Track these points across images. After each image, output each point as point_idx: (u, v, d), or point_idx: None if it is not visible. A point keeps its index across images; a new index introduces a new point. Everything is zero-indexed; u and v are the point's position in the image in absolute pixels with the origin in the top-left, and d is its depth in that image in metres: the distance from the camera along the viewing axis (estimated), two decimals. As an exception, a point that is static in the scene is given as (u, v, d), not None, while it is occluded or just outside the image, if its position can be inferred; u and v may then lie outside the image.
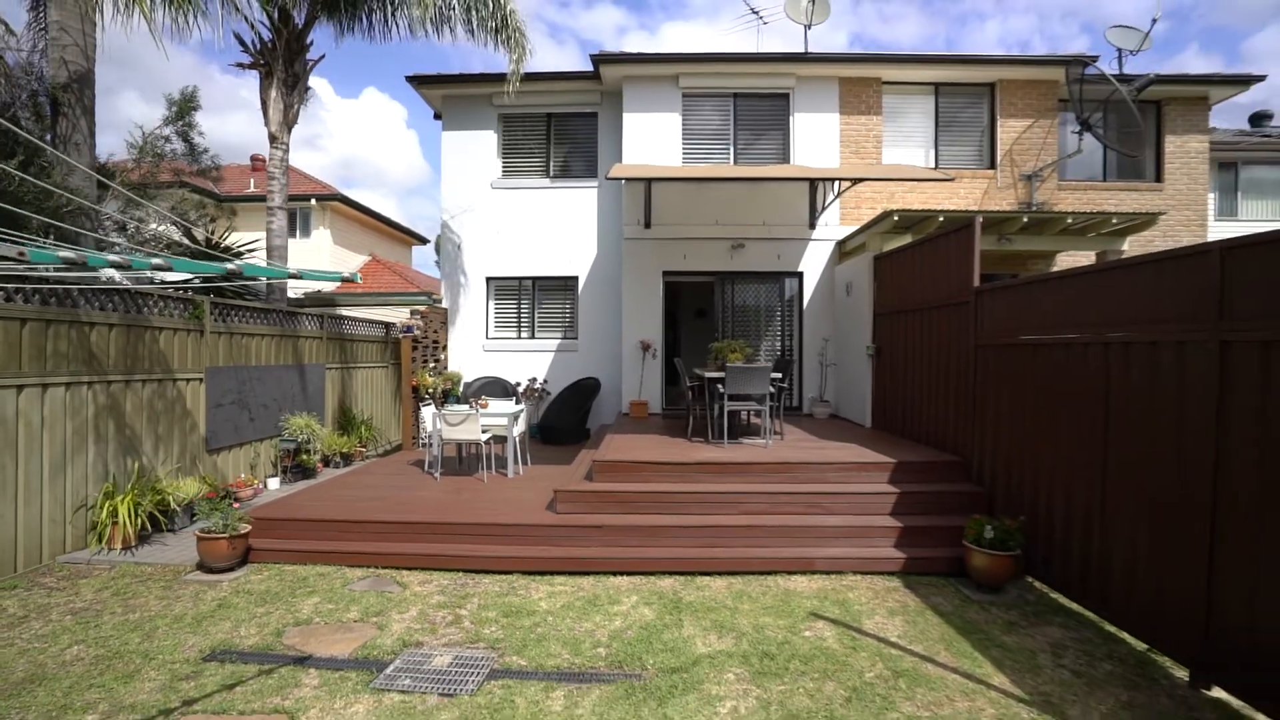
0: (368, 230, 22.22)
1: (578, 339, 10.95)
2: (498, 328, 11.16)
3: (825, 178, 8.54)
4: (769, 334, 10.29)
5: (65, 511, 5.32)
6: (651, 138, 10.12)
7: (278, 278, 4.81)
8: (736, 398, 6.86)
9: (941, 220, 7.83)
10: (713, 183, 9.81)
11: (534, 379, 10.80)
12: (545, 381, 10.82)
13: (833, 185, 9.65)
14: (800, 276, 10.15)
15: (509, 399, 9.46)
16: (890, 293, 7.77)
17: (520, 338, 11.10)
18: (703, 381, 7.26)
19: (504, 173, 11.01)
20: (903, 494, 5.68)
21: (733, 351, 7.34)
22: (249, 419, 7.64)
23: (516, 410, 7.44)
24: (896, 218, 7.91)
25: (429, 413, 7.41)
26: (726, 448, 6.70)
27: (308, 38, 8.94)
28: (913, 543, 5.31)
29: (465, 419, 6.84)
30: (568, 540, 5.35)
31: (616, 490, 5.76)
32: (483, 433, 7.03)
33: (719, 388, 6.84)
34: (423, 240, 26.90)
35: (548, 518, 5.56)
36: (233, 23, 7.98)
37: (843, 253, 9.94)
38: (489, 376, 10.52)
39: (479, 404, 7.26)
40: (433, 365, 10.06)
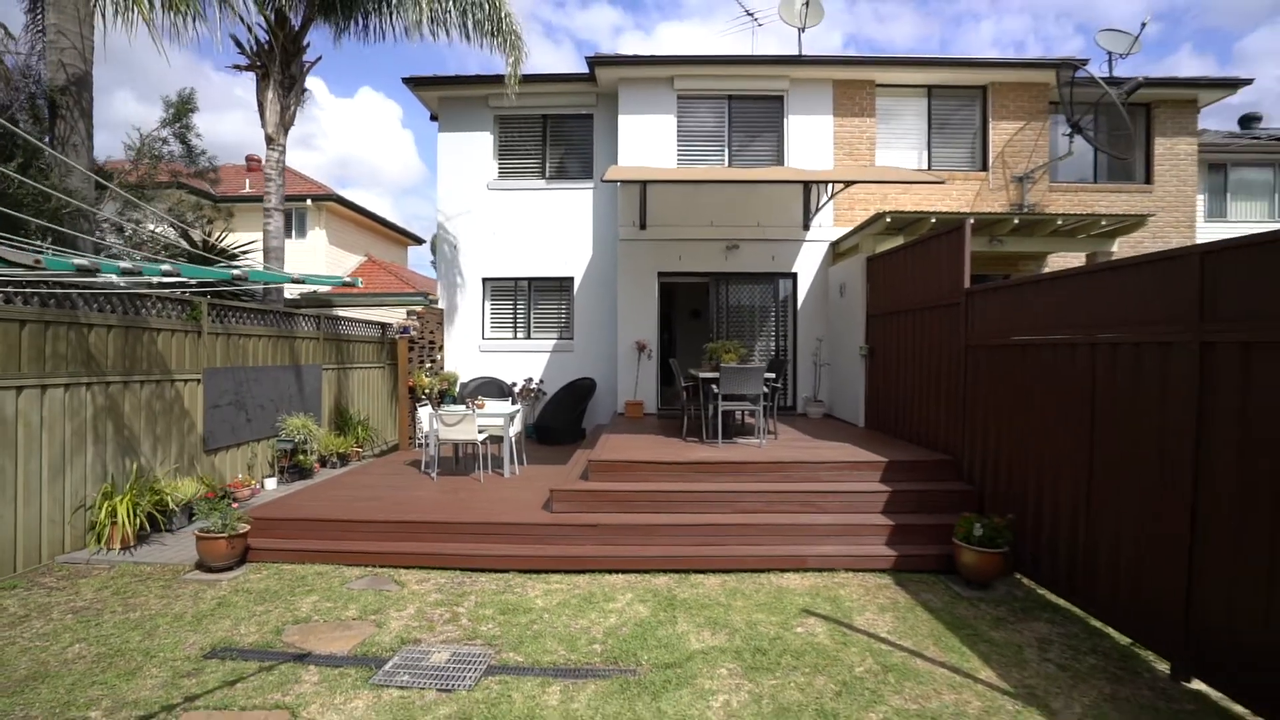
0: (363, 230, 22.22)
1: (573, 339, 11.01)
2: (494, 328, 11.22)
3: (817, 180, 8.61)
4: (763, 334, 10.37)
5: (64, 512, 5.36)
6: (647, 139, 10.18)
7: (282, 282, 4.88)
8: (731, 398, 6.93)
9: (933, 222, 7.93)
10: (707, 185, 9.88)
11: (530, 379, 10.86)
12: (541, 382, 10.88)
13: (826, 187, 9.72)
14: (794, 277, 10.23)
15: (505, 399, 9.51)
16: (883, 294, 7.85)
17: (516, 338, 11.16)
18: (697, 382, 7.33)
19: (500, 174, 11.06)
20: (894, 492, 5.76)
21: (727, 352, 7.40)
22: (246, 420, 7.68)
23: (513, 410, 7.49)
24: (889, 219, 7.99)
25: (425, 413, 7.46)
26: (721, 447, 6.77)
27: (304, 40, 8.97)
28: (904, 540, 5.39)
29: (462, 419, 6.89)
30: (564, 539, 5.42)
31: (612, 490, 5.82)
32: (479, 433, 7.08)
33: (713, 388, 6.90)
34: (418, 241, 26.90)
35: (544, 517, 5.61)
36: (229, 25, 8.02)
37: (836, 254, 10.02)
38: (485, 377, 10.58)
39: (475, 404, 7.31)
40: (429, 366, 10.10)
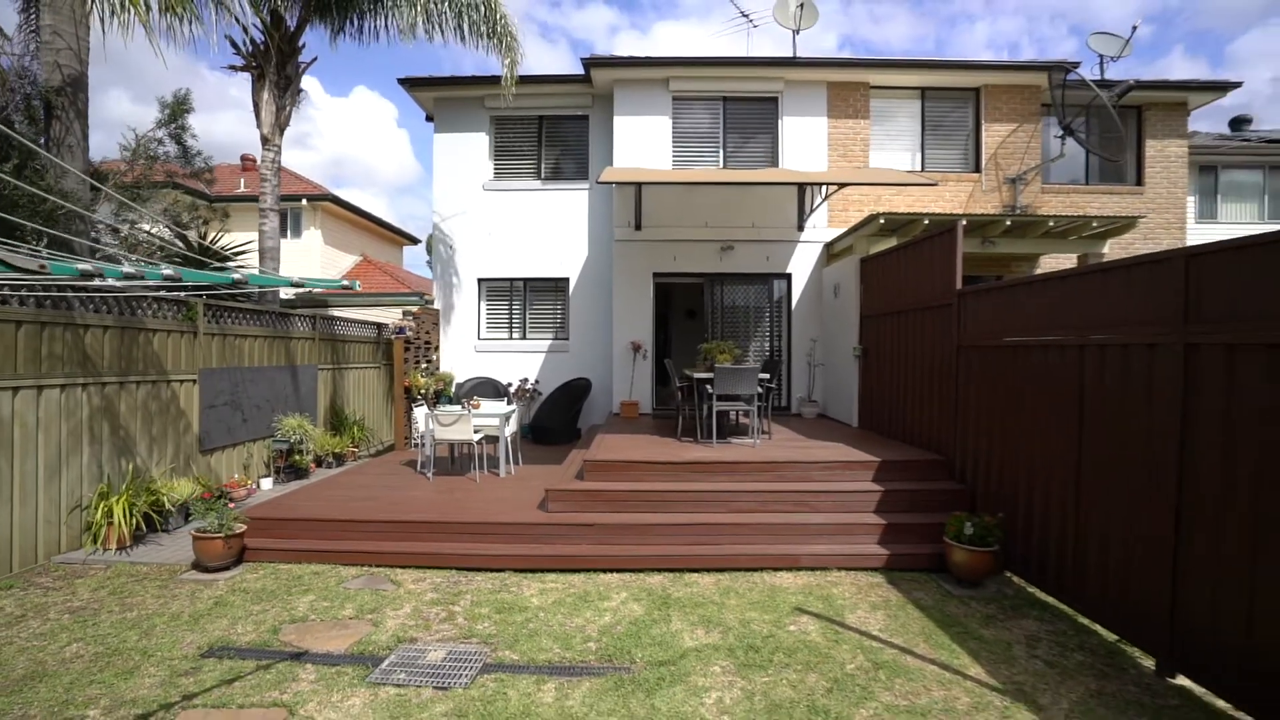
0: (359, 230, 22.20)
1: (569, 340, 11.05)
2: (490, 329, 11.24)
3: (811, 182, 8.68)
4: (758, 335, 10.42)
5: (60, 512, 5.37)
6: (642, 140, 10.22)
7: (282, 286, 4.90)
8: (725, 398, 6.98)
9: (926, 223, 7.99)
10: (703, 186, 9.92)
11: (525, 379, 10.89)
12: (537, 382, 10.91)
13: (821, 188, 9.78)
14: (789, 278, 10.28)
15: (501, 399, 9.54)
16: (876, 295, 7.91)
17: (512, 339, 11.18)
18: (692, 382, 7.37)
19: (496, 175, 11.09)
20: (887, 492, 5.81)
21: (721, 353, 7.45)
22: (242, 420, 7.69)
23: (508, 411, 7.52)
24: (883, 220, 8.05)
25: (421, 413, 7.49)
26: (715, 447, 6.82)
27: (299, 40, 8.98)
28: (896, 539, 5.44)
29: (457, 419, 6.92)
30: (559, 538, 5.45)
31: (607, 489, 5.86)
32: (475, 433, 7.11)
33: (708, 388, 6.95)
34: (414, 240, 26.89)
35: (539, 516, 5.65)
36: (225, 26, 8.01)
37: (830, 254, 10.07)
38: (481, 377, 10.61)
39: (471, 404, 7.35)
40: (425, 366, 10.12)
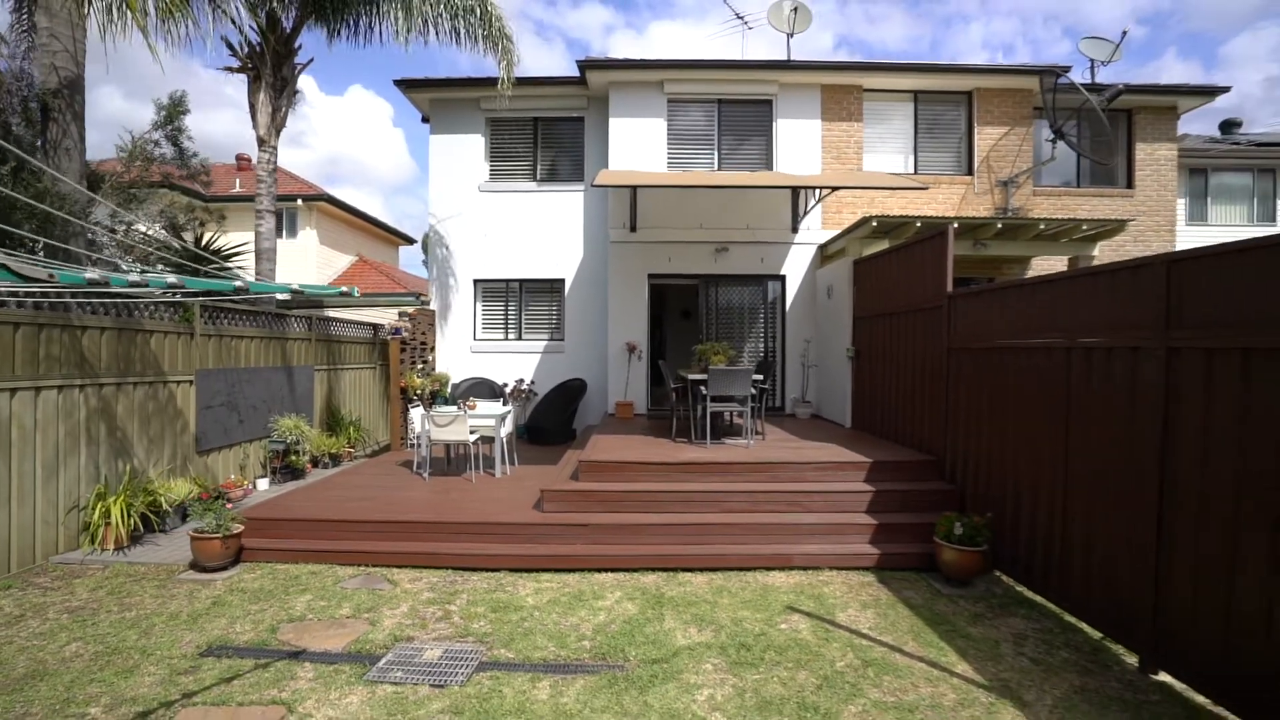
0: (354, 230, 22.21)
1: (564, 340, 11.09)
2: (485, 329, 11.28)
3: (804, 185, 8.74)
4: (752, 335, 10.49)
5: (58, 512, 5.40)
6: (637, 142, 10.28)
7: (282, 293, 4.96)
8: (719, 399, 7.04)
9: (919, 226, 8.08)
10: (697, 188, 9.98)
11: (521, 380, 10.94)
12: (532, 382, 10.96)
13: (814, 190, 9.85)
14: (783, 279, 10.35)
15: (496, 400, 9.58)
16: (869, 296, 7.98)
17: (508, 339, 11.23)
18: (686, 383, 7.43)
19: (491, 176, 11.12)
20: (878, 492, 5.89)
21: (715, 354, 7.51)
22: (238, 420, 7.72)
23: (504, 411, 7.57)
24: (875, 223, 8.13)
25: (417, 414, 7.53)
26: (709, 448, 6.88)
27: (296, 42, 9.01)
28: (887, 539, 5.52)
29: (453, 420, 6.97)
30: (554, 538, 5.51)
31: (602, 490, 5.91)
32: (470, 433, 7.16)
33: (702, 389, 7.01)
34: (409, 241, 26.90)
35: (534, 517, 5.71)
36: (221, 27, 8.06)
37: (824, 256, 10.15)
38: (477, 378, 10.64)
39: (467, 405, 7.39)
40: (421, 366, 10.15)
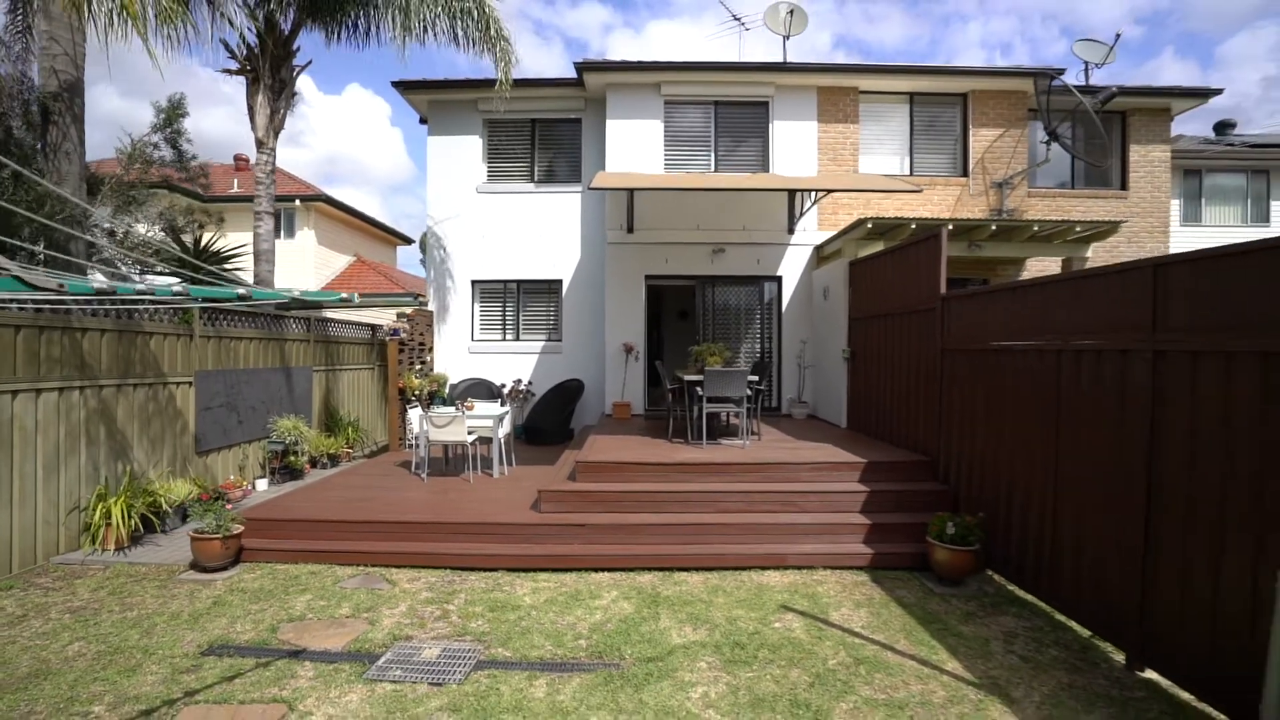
0: (352, 230, 22.22)
1: (562, 341, 11.14)
2: (483, 330, 11.33)
3: (800, 188, 8.81)
4: (749, 336, 10.55)
5: (59, 513, 5.44)
6: (634, 144, 10.32)
7: (283, 299, 5.01)
8: (715, 400, 7.09)
9: (913, 228, 8.14)
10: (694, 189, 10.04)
11: (519, 380, 10.99)
12: (530, 383, 11.01)
13: (810, 192, 9.91)
14: (779, 280, 10.41)
15: (494, 400, 9.64)
16: (864, 298, 8.04)
17: (505, 340, 11.27)
18: (683, 384, 7.49)
19: (489, 177, 11.17)
20: (872, 492, 5.95)
21: (712, 355, 7.57)
22: (237, 421, 7.76)
23: (502, 412, 7.61)
24: (870, 225, 8.18)
25: (415, 414, 7.57)
26: (705, 448, 6.94)
27: (294, 44, 9.05)
28: (881, 539, 5.57)
29: (451, 421, 7.01)
30: (551, 538, 5.56)
31: (599, 490, 5.97)
32: (468, 434, 7.21)
33: (698, 390, 7.07)
34: (407, 241, 26.91)
35: (532, 517, 5.76)
36: (219, 29, 8.09)
37: (820, 257, 10.20)
38: (474, 378, 10.69)
39: (465, 406, 7.43)
40: (419, 367, 10.19)
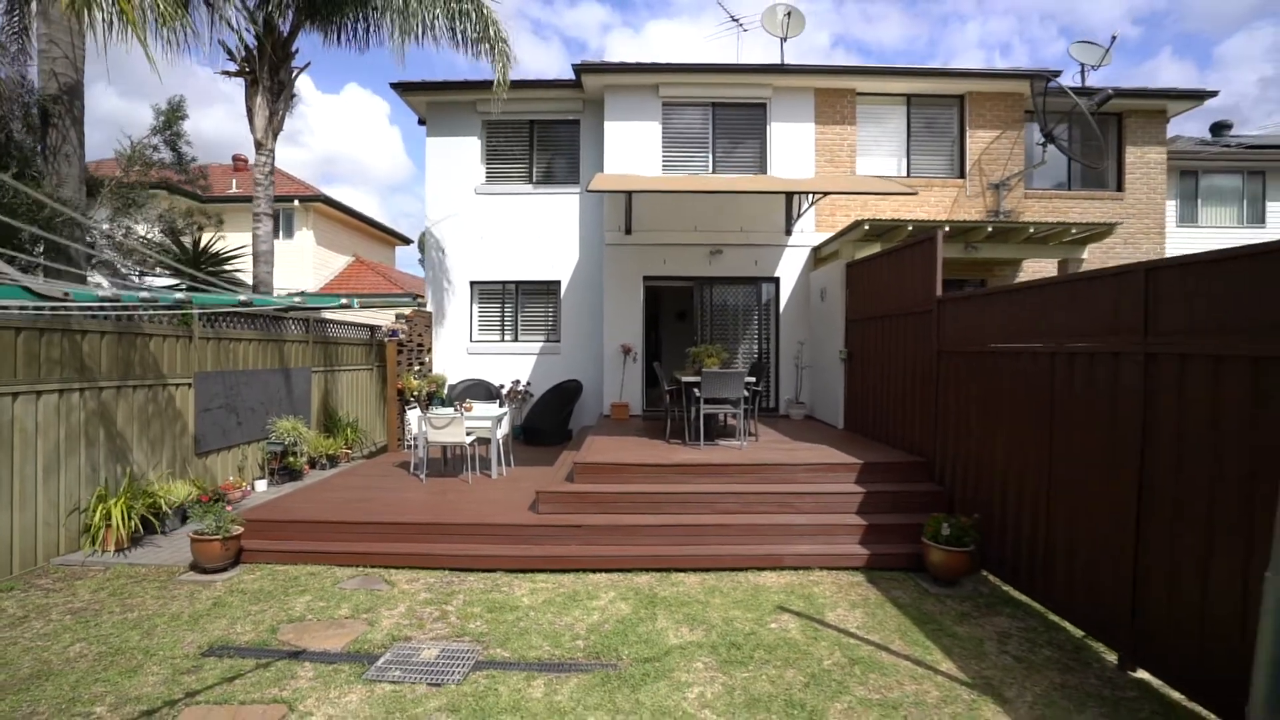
0: (351, 231, 22.23)
1: (560, 342, 11.17)
2: (482, 331, 11.36)
3: (797, 190, 8.84)
4: (747, 337, 10.59)
5: (59, 515, 5.46)
6: (632, 145, 10.35)
7: (284, 305, 5.04)
8: (712, 401, 7.13)
9: (910, 229, 8.17)
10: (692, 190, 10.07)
11: (517, 381, 11.01)
12: (528, 384, 11.04)
13: (808, 193, 9.95)
14: (777, 282, 10.45)
15: (493, 401, 9.66)
16: (861, 299, 8.08)
17: (504, 341, 11.30)
18: (680, 385, 7.52)
19: (488, 178, 11.19)
20: (868, 493, 5.98)
21: (709, 356, 7.60)
22: (237, 422, 7.78)
23: (500, 413, 7.64)
24: (867, 226, 8.22)
25: (414, 415, 7.60)
26: (703, 449, 6.97)
27: (293, 46, 9.07)
28: (877, 540, 5.61)
29: (450, 422, 7.04)
30: (549, 539, 5.59)
31: (596, 491, 6.00)
32: (467, 435, 7.23)
33: (696, 391, 7.10)
34: (406, 241, 26.92)
35: (530, 518, 5.79)
36: (218, 31, 8.11)
37: (818, 259, 10.24)
38: (473, 379, 10.72)
39: (463, 407, 7.46)
40: (417, 368, 10.22)
